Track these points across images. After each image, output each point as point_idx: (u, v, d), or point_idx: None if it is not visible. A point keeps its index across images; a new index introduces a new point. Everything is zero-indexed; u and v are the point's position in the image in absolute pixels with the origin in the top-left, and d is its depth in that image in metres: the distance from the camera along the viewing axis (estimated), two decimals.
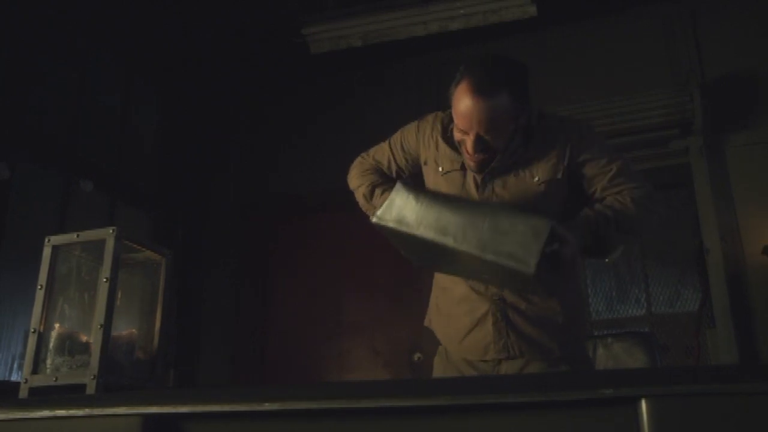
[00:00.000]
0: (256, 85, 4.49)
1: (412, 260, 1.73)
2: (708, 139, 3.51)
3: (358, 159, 1.98)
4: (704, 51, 3.67)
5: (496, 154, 1.63)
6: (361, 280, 4.10)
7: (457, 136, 1.65)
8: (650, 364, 1.87)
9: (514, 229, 1.44)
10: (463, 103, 1.57)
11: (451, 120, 1.74)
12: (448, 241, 1.46)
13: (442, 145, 1.76)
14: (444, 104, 1.83)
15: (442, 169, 1.75)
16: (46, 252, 1.51)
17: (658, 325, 3.72)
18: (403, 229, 1.53)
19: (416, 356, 3.84)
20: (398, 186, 1.59)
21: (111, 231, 1.47)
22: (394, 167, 1.89)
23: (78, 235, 1.51)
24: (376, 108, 4.22)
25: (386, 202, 1.57)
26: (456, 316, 1.74)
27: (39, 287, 1.49)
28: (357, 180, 1.93)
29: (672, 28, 3.78)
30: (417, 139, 1.84)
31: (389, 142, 1.92)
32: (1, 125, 3.17)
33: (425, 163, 1.81)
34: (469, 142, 1.60)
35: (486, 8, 3.44)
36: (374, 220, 1.57)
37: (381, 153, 1.93)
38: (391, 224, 1.55)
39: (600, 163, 1.67)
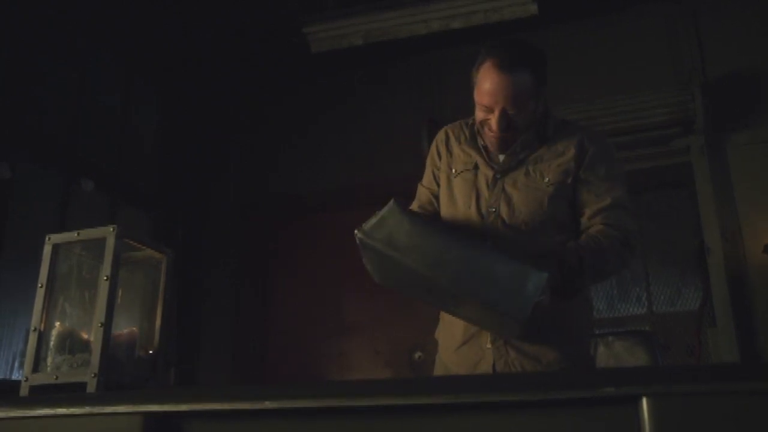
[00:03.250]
0: (256, 85, 4.48)
1: (382, 283, 1.61)
2: (709, 138, 3.50)
3: None
4: (706, 50, 3.67)
5: (518, 133, 1.67)
6: (362, 280, 4.07)
7: (480, 116, 1.68)
8: (651, 362, 1.87)
9: (510, 276, 1.37)
10: (489, 79, 1.63)
11: (461, 128, 1.82)
12: (439, 279, 1.38)
13: (456, 149, 1.81)
14: (445, 102, 1.84)
15: (455, 171, 1.78)
16: (47, 250, 1.51)
17: (659, 323, 3.71)
18: (391, 253, 1.41)
19: (417, 355, 3.84)
20: (392, 204, 1.48)
21: (111, 229, 1.47)
22: (433, 198, 1.88)
23: (78, 234, 1.51)
24: (378, 107, 4.22)
25: (376, 219, 1.47)
26: (454, 326, 1.73)
27: (39, 286, 1.49)
28: None
29: (674, 27, 3.78)
30: (433, 156, 1.88)
31: (420, 185, 1.93)
32: (1, 125, 3.17)
33: (439, 170, 1.84)
34: (493, 119, 1.64)
35: (487, 7, 3.44)
36: (359, 235, 1.45)
37: (420, 192, 1.92)
38: (378, 245, 1.43)
39: (599, 189, 1.67)
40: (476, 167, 1.74)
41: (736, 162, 3.48)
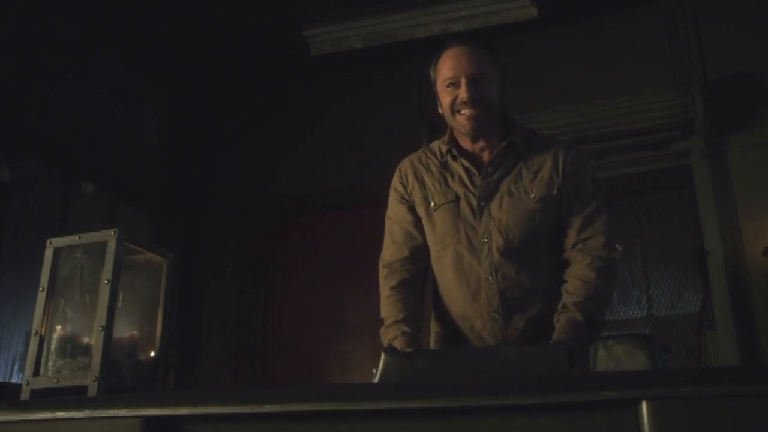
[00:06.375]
0: (257, 87, 4.49)
1: None
2: (709, 140, 3.50)
3: (380, 270, 1.79)
4: (706, 52, 3.67)
5: (489, 113, 1.65)
6: (363, 281, 4.09)
7: (447, 100, 1.66)
8: (651, 366, 1.86)
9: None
10: (449, 58, 1.66)
11: (427, 157, 1.77)
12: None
13: (428, 180, 1.74)
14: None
15: (434, 203, 1.71)
16: (48, 254, 1.51)
17: (658, 326, 3.71)
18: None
19: None
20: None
21: (112, 233, 1.47)
22: (411, 228, 1.76)
23: (79, 237, 1.51)
24: (378, 109, 4.23)
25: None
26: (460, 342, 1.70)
27: (40, 289, 1.49)
28: (384, 309, 1.74)
29: (674, 28, 3.78)
30: (399, 186, 1.80)
31: (387, 218, 1.82)
32: (2, 127, 3.18)
33: (409, 201, 1.77)
34: (463, 89, 1.63)
35: (487, 10, 3.44)
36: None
37: (390, 238, 1.79)
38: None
39: (580, 197, 1.66)
40: (457, 198, 1.68)
41: (736, 164, 3.48)
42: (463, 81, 1.63)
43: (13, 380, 3.08)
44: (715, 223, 3.40)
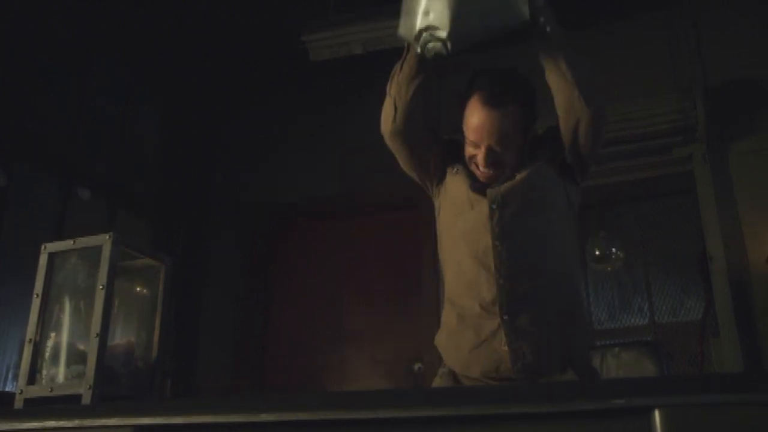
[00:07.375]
0: (257, 92, 4.48)
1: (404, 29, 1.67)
2: (711, 145, 3.49)
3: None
4: (707, 58, 3.66)
5: (506, 169, 1.66)
6: (362, 289, 4.08)
7: (468, 151, 1.67)
8: (658, 373, 1.84)
9: None
10: (476, 115, 1.63)
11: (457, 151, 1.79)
12: None
13: (458, 155, 1.77)
14: (442, 109, 1.81)
15: (457, 170, 1.75)
16: (42, 260, 1.49)
17: (661, 334, 3.69)
18: None
19: (416, 366, 3.81)
20: None
21: (108, 237, 1.45)
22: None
23: (74, 242, 1.49)
24: (377, 114, 4.21)
25: None
26: (461, 332, 1.69)
27: (35, 296, 1.47)
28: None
29: (674, 34, 3.77)
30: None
31: None
32: None
33: (446, 157, 1.80)
34: (480, 155, 1.63)
35: None
36: None
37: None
38: None
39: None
40: (471, 206, 1.69)
41: (738, 170, 3.46)
42: (483, 149, 1.63)
43: (7, 389, 3.05)
44: (718, 230, 3.39)
